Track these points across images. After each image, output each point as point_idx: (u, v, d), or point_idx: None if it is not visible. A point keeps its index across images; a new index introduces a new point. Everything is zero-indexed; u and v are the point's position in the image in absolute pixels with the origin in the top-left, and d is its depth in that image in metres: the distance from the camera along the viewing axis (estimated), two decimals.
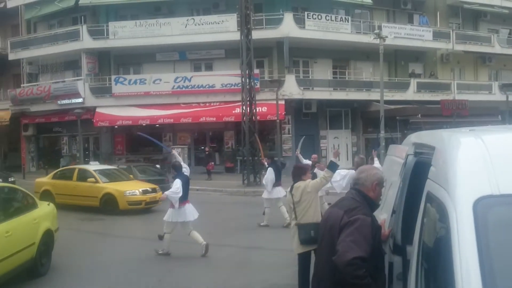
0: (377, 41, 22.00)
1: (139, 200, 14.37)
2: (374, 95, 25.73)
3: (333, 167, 6.33)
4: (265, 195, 11.88)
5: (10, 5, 30.83)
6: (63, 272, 8.07)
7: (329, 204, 11.65)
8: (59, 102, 27.92)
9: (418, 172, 3.39)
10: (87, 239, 10.97)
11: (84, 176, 15.36)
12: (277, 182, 11.82)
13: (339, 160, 7.74)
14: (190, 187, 9.57)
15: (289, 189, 6.31)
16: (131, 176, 16.72)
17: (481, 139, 2.30)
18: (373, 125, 27.07)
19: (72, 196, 15.09)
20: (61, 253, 9.32)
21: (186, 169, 9.48)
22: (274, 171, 11.76)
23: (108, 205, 14.27)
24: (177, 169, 9.32)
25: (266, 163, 12.90)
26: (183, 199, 9.01)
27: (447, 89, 28.81)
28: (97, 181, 14.83)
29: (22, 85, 30.39)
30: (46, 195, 15.21)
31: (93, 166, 16.64)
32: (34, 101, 29.11)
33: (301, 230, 5.94)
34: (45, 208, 8.38)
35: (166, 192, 9.17)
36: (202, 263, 8.66)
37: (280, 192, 11.65)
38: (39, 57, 29.58)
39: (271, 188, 11.57)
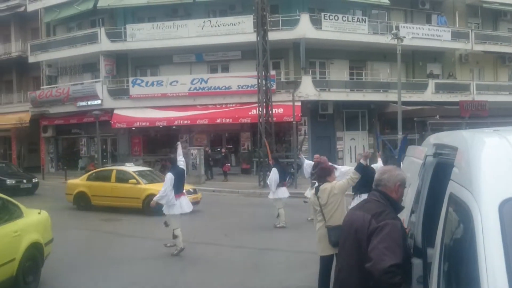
0: (395, 41, 21.82)
1: None
2: (391, 96, 25.49)
3: (360, 168, 6.31)
4: (270, 195, 12.01)
5: (30, 8, 31.34)
6: (77, 270, 8.14)
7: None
8: (77, 104, 28.28)
9: (439, 173, 3.33)
10: (105, 239, 11.06)
11: (123, 177, 15.26)
12: (281, 183, 11.87)
13: (368, 162, 7.61)
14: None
15: (313, 191, 6.22)
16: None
17: (506, 139, 2.24)
18: (391, 127, 26.82)
19: (111, 197, 14.94)
20: (78, 251, 9.44)
21: (182, 162, 9.62)
22: (278, 172, 11.80)
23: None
24: (173, 162, 9.61)
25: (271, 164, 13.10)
26: (178, 191, 9.16)
27: (466, 90, 28.41)
28: (138, 183, 14.76)
29: (41, 87, 30.83)
30: (81, 197, 15.54)
31: (130, 168, 16.33)
32: (53, 103, 29.52)
33: (331, 232, 5.80)
34: (33, 218, 7.39)
35: (154, 198, 9.27)
36: (218, 264, 8.67)
37: (284, 192, 11.85)
38: (58, 59, 30.01)
39: (275, 188, 11.63)
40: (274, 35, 23.50)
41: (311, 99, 24.94)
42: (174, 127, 26.64)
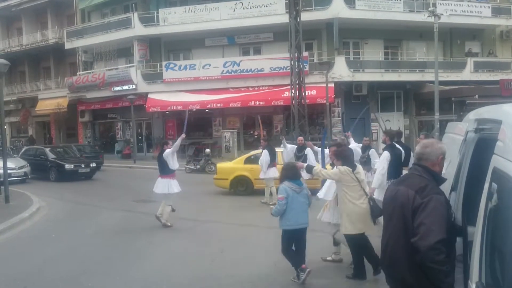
0: (432, 19, 21.16)
1: None
2: (428, 76, 24.85)
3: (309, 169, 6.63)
4: (261, 175, 12.68)
5: None
6: (110, 250, 8.35)
7: None
8: (113, 88, 28.79)
9: (481, 148, 3.22)
10: (140, 219, 11.29)
11: None
12: (271, 163, 12.61)
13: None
14: None
15: (350, 170, 6.22)
16: None
17: None
18: (427, 107, 26.23)
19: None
20: (113, 231, 9.69)
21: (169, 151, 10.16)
22: (269, 153, 12.56)
23: None
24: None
25: (261, 146, 13.12)
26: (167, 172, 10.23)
27: (507, 68, 27.32)
28: None
29: (78, 73, 31.50)
30: (240, 181, 14.61)
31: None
32: (90, 88, 30.15)
33: (375, 205, 6.09)
34: None
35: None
36: (254, 244, 8.72)
37: (275, 172, 12.26)
38: (93, 45, 30.53)
39: (266, 169, 12.42)
40: (306, 16, 23.17)
41: (345, 80, 24.57)
42: (207, 110, 26.79)
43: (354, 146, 10.26)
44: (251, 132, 27.17)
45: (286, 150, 12.33)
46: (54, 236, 9.76)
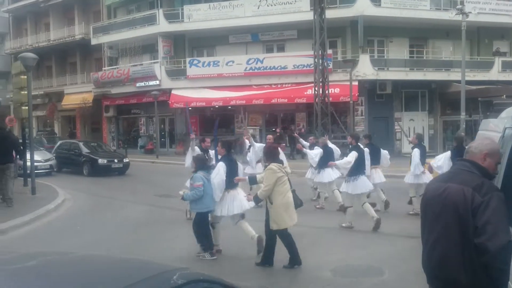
0: (459, 17, 20.81)
1: None
2: (454, 75, 24.43)
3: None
4: (249, 170, 11.98)
5: None
6: (135, 243, 8.44)
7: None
8: (137, 84, 29.10)
9: None
10: (163, 213, 11.40)
11: None
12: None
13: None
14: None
15: (280, 165, 6.90)
16: None
17: None
18: (452, 107, 25.81)
19: None
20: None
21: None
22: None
23: None
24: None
25: (248, 142, 12.30)
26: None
27: None
28: None
29: (103, 68, 31.93)
30: None
31: None
32: (115, 84, 30.54)
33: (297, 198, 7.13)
34: None
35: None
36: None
37: (261, 168, 11.89)
38: (118, 41, 30.91)
39: (255, 164, 11.99)
40: (331, 13, 23.04)
41: (369, 79, 24.34)
42: (229, 107, 26.87)
43: (333, 146, 11.60)
44: (273, 129, 27.13)
45: (254, 149, 11.52)
46: (79, 228, 9.93)
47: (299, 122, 26.85)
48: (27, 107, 14.30)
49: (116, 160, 20.38)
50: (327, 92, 22.25)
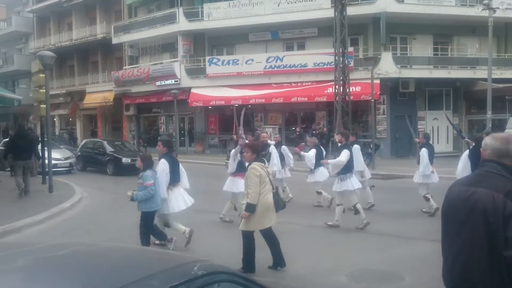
0: (486, 13, 20.14)
1: None
2: (480, 73, 23.72)
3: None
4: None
5: None
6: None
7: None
8: (157, 83, 29.13)
9: None
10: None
11: None
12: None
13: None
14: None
15: (262, 164, 6.64)
16: None
17: None
18: (478, 106, 25.10)
19: None
20: None
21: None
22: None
23: None
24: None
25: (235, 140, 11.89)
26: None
27: None
28: None
29: (124, 67, 32.07)
30: None
31: None
32: (135, 83, 30.64)
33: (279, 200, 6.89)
34: None
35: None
36: (292, 244, 8.43)
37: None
38: (139, 40, 31.00)
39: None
40: (352, 10, 22.60)
41: (391, 77, 23.80)
42: (249, 105, 26.60)
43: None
44: (293, 128, 26.82)
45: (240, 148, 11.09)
46: (93, 227, 9.81)
47: (319, 121, 26.46)
48: (45, 105, 14.30)
49: None
50: (347, 90, 21.82)
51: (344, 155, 9.21)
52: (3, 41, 44.22)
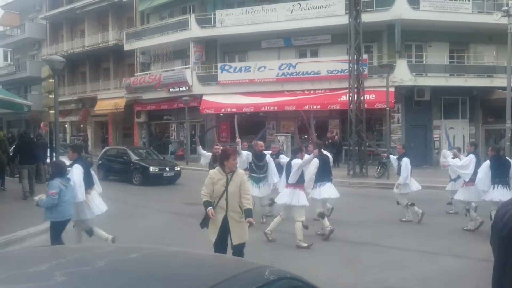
0: (505, 20, 19.62)
1: None
2: (497, 82, 23.17)
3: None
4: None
5: None
6: None
7: None
8: (168, 90, 28.92)
9: None
10: (186, 222, 10.87)
11: None
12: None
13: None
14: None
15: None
16: None
17: None
18: (495, 115, 24.49)
19: None
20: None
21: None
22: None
23: None
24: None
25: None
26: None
27: None
28: None
29: (135, 74, 31.96)
30: None
31: None
32: (146, 89, 30.48)
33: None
34: None
35: None
36: (309, 257, 8.03)
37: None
38: (151, 47, 30.88)
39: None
40: (367, 17, 22.17)
41: (406, 85, 23.34)
42: (261, 113, 26.31)
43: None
44: (306, 136, 26.36)
45: (241, 159, 10.36)
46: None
47: (332, 129, 26.03)
48: (53, 111, 14.05)
49: (167, 168, 19.13)
50: (362, 98, 21.39)
51: (312, 166, 9.04)
52: (17, 47, 44.54)
